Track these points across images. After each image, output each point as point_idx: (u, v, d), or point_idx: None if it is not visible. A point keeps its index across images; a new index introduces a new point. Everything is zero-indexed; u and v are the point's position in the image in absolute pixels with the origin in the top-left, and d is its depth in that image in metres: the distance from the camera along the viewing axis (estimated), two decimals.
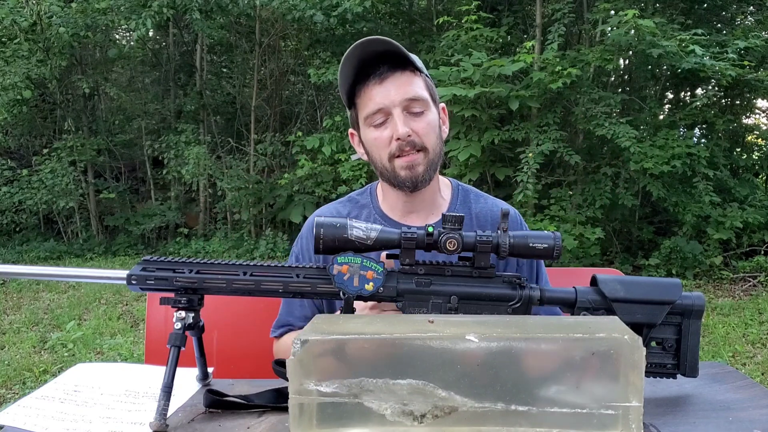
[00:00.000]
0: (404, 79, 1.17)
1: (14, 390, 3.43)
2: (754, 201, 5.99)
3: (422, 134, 1.18)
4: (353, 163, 5.95)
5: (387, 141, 1.18)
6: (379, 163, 1.21)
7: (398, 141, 1.16)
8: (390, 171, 1.20)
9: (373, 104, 1.17)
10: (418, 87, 1.18)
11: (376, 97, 1.16)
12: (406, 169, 1.18)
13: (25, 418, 0.90)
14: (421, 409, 0.73)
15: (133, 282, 0.93)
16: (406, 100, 1.16)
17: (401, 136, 1.15)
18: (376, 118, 1.18)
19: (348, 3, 5.93)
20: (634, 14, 5.05)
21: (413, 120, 1.17)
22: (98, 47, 8.14)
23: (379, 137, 1.18)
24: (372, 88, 1.17)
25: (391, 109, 1.16)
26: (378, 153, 1.20)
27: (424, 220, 1.27)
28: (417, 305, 0.93)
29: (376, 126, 1.19)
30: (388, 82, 1.16)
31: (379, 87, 1.16)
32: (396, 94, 1.16)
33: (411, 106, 1.17)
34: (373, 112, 1.17)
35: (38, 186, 7.17)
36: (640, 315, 0.93)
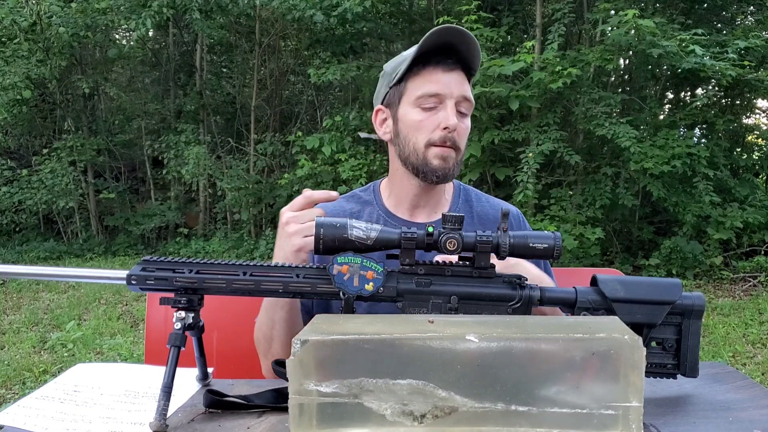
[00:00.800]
0: (464, 78, 1.21)
1: (14, 390, 3.43)
2: (754, 201, 5.99)
3: (461, 135, 1.21)
4: (355, 160, 5.95)
5: (431, 127, 1.19)
6: (411, 146, 1.21)
7: (445, 130, 1.18)
8: (421, 157, 1.20)
9: (433, 86, 1.18)
10: (469, 91, 1.23)
11: (438, 81, 1.18)
12: (440, 159, 1.20)
13: (25, 418, 0.90)
14: (421, 409, 0.73)
15: (133, 282, 0.93)
16: (462, 97, 1.19)
17: (451, 125, 1.17)
18: (430, 102, 1.19)
19: (348, 3, 5.93)
20: (634, 14, 5.05)
21: (459, 119, 1.20)
22: (98, 47, 8.15)
23: (425, 120, 1.19)
24: (437, 73, 1.18)
25: (447, 99, 1.18)
26: (415, 135, 1.21)
27: (428, 217, 1.28)
28: (417, 305, 0.93)
29: (425, 109, 1.19)
30: (454, 74, 1.19)
31: (444, 74, 1.18)
32: (457, 88, 1.19)
33: (461, 105, 1.20)
34: (429, 94, 1.19)
35: (38, 186, 7.17)
36: (640, 315, 0.93)
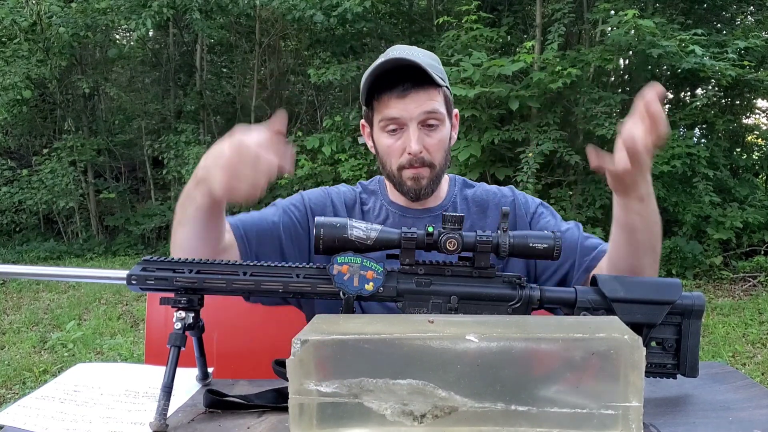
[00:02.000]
0: (426, 94, 1.18)
1: (14, 390, 3.43)
2: (754, 201, 5.99)
3: (432, 151, 1.19)
4: (355, 160, 5.95)
5: (399, 152, 1.19)
6: (388, 167, 1.23)
7: (410, 155, 1.18)
8: (397, 178, 1.22)
9: (390, 112, 1.18)
10: (437, 102, 1.19)
11: (394, 107, 1.17)
12: (412, 180, 1.20)
13: (25, 418, 0.90)
14: (421, 409, 0.73)
15: (133, 282, 0.93)
16: (424, 113, 1.17)
17: (413, 152, 1.17)
18: (389, 126, 1.19)
19: (348, 3, 5.94)
20: (634, 14, 5.05)
21: (427, 135, 1.19)
22: (98, 47, 8.14)
23: (392, 146, 1.20)
24: (391, 99, 1.17)
25: (408, 122, 1.17)
26: (388, 159, 1.22)
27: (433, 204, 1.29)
28: (417, 305, 0.93)
29: (390, 133, 1.20)
30: (409, 98, 1.17)
31: (399, 101, 1.17)
32: (415, 109, 1.17)
33: (427, 120, 1.18)
34: (389, 120, 1.19)
35: (38, 186, 7.17)
36: (640, 315, 0.93)
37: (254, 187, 0.88)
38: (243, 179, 0.88)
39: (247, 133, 0.90)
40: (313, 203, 1.27)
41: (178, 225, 1.05)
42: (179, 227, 1.05)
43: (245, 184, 0.88)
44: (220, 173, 0.89)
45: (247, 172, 0.87)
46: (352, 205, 1.29)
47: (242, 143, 0.88)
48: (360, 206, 1.29)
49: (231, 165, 0.88)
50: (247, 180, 0.88)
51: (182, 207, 1.03)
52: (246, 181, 0.88)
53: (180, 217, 1.04)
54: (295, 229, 1.23)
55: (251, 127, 0.90)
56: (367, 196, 1.32)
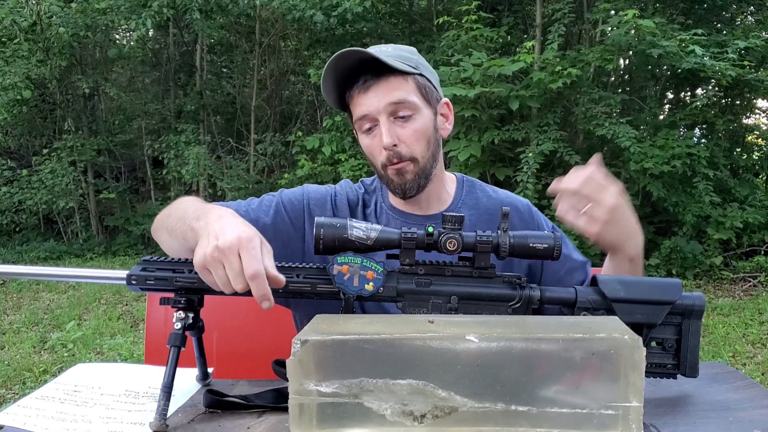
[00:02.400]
0: (389, 84, 1.13)
1: (14, 390, 3.43)
2: (754, 201, 5.99)
3: (409, 143, 1.14)
4: (355, 160, 5.95)
5: (378, 150, 1.16)
6: (377, 167, 1.20)
7: (386, 151, 1.14)
8: (385, 178, 1.19)
9: (359, 111, 1.15)
10: (404, 91, 1.14)
11: (361, 104, 1.15)
12: (396, 176, 1.16)
13: (25, 418, 0.90)
14: (421, 409, 0.73)
15: (133, 282, 0.93)
16: (390, 105, 1.12)
17: (386, 146, 1.13)
18: (364, 125, 1.16)
19: (348, 3, 5.94)
20: (634, 14, 5.05)
21: (400, 126, 1.14)
22: (98, 47, 8.14)
23: (371, 144, 1.17)
24: (357, 97, 1.15)
25: (377, 116, 1.14)
26: (373, 160, 1.19)
27: (437, 211, 1.25)
28: (417, 305, 0.93)
29: (366, 132, 1.17)
30: (371, 91, 1.13)
31: (363, 96, 1.14)
32: (379, 101, 1.13)
33: (397, 111, 1.13)
34: (360, 118, 1.16)
35: (38, 186, 7.17)
36: (640, 315, 0.93)
37: (216, 286, 0.87)
38: (213, 274, 0.86)
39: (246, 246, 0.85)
40: (313, 202, 1.23)
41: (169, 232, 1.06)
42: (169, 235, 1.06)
43: (212, 277, 0.87)
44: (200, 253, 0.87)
45: (219, 274, 0.86)
46: (354, 206, 1.25)
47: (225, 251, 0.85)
48: (362, 208, 1.26)
49: (210, 259, 0.85)
50: (220, 279, 0.86)
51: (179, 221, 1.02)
52: (218, 279, 0.86)
53: (173, 226, 1.04)
54: (287, 231, 1.19)
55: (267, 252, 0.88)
56: (369, 197, 1.29)
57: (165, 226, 1.08)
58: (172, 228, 1.04)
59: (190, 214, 1.00)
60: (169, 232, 1.06)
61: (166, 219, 1.09)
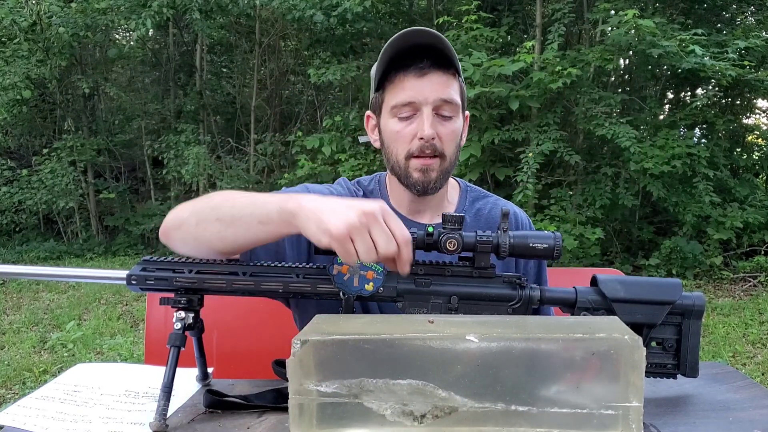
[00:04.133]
0: (443, 79, 1.12)
1: (14, 390, 3.43)
2: (754, 201, 5.99)
3: (445, 140, 1.13)
4: (355, 160, 5.95)
5: (409, 137, 1.12)
6: (394, 157, 1.15)
7: (421, 141, 1.11)
8: (403, 169, 1.15)
9: (404, 95, 1.11)
10: (453, 90, 1.13)
11: (410, 89, 1.10)
12: (420, 172, 1.13)
13: (25, 418, 0.90)
14: (421, 409, 0.73)
15: (133, 282, 0.93)
16: (440, 100, 1.11)
17: (426, 136, 1.10)
18: (404, 111, 1.12)
19: (348, 3, 5.93)
20: (634, 14, 5.05)
21: (440, 123, 1.12)
22: (98, 47, 8.14)
23: (402, 131, 1.13)
24: (408, 79, 1.11)
25: (422, 106, 1.11)
26: (395, 147, 1.15)
27: (430, 220, 1.23)
28: (417, 305, 0.93)
29: (401, 118, 1.13)
30: (426, 78, 1.10)
31: (416, 80, 1.10)
32: (431, 92, 1.10)
33: (442, 108, 1.12)
34: (402, 103, 1.11)
35: (38, 186, 7.17)
36: (641, 315, 0.93)
37: (356, 257, 0.84)
38: (363, 242, 0.83)
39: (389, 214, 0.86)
40: None
41: (216, 220, 0.95)
42: (215, 222, 0.95)
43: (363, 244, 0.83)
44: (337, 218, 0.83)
45: (369, 240, 0.83)
46: None
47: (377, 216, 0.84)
48: None
49: (357, 224, 0.82)
50: (365, 245, 0.83)
51: (237, 209, 0.94)
52: (364, 245, 0.83)
53: (222, 214, 0.94)
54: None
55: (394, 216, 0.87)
56: (363, 196, 1.26)
57: (210, 217, 0.95)
58: (231, 216, 0.93)
59: (263, 200, 0.93)
60: (220, 222, 0.94)
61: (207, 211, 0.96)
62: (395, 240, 0.83)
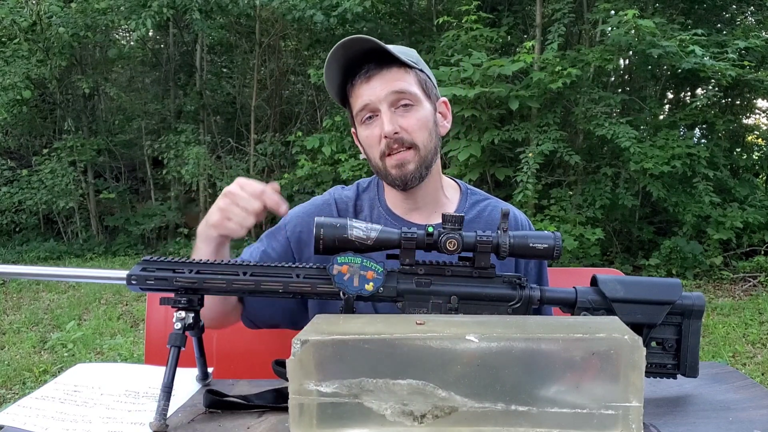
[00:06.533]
0: (391, 75, 1.15)
1: (14, 390, 3.43)
2: (754, 201, 5.99)
3: (411, 130, 1.15)
4: (355, 161, 5.96)
5: (377, 139, 1.16)
6: (373, 161, 1.20)
7: (386, 139, 1.15)
8: (382, 170, 1.19)
9: (360, 101, 1.16)
10: (406, 82, 1.16)
11: (363, 94, 1.15)
12: (396, 168, 1.16)
13: (25, 418, 0.90)
14: (421, 409, 0.73)
15: (133, 282, 0.93)
16: (392, 94, 1.14)
17: (387, 133, 1.14)
18: (365, 115, 1.17)
19: (348, 3, 5.93)
20: (634, 14, 5.05)
21: (402, 116, 1.15)
22: (98, 47, 8.14)
23: (370, 135, 1.17)
24: (359, 87, 1.16)
25: (378, 105, 1.15)
26: (370, 151, 1.19)
27: (427, 218, 1.25)
28: (417, 305, 0.93)
29: (367, 124, 1.18)
30: (374, 80, 1.15)
31: (365, 85, 1.15)
32: (381, 90, 1.14)
33: (398, 101, 1.15)
34: (360, 109, 1.17)
35: (38, 186, 7.17)
36: (640, 315, 0.93)
37: (241, 226, 1.04)
38: (233, 217, 1.04)
39: (242, 182, 1.05)
40: (292, 236, 1.25)
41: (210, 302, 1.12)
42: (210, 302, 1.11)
43: (233, 222, 1.04)
44: (215, 212, 1.06)
45: (236, 212, 1.04)
46: (344, 215, 1.25)
47: (232, 191, 1.04)
48: (354, 216, 1.26)
49: (223, 207, 1.04)
50: (236, 218, 1.04)
51: (195, 246, 1.12)
52: (235, 220, 1.04)
53: (193, 254, 1.11)
54: None
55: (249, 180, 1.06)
56: (361, 202, 1.29)
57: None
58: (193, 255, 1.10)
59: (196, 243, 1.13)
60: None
61: None
62: (256, 197, 1.03)
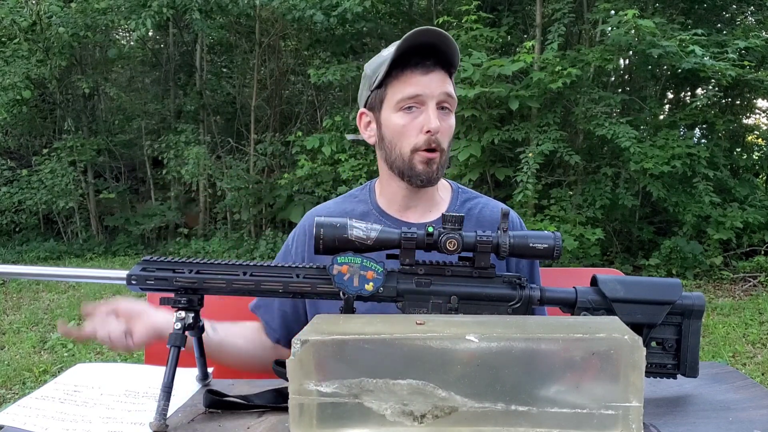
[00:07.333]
0: (443, 77, 1.19)
1: (14, 390, 3.43)
2: (754, 201, 5.99)
3: (445, 135, 1.19)
4: (355, 161, 5.95)
5: (415, 131, 1.17)
6: (398, 151, 1.20)
7: (428, 134, 1.16)
8: (406, 162, 1.19)
9: (411, 89, 1.16)
10: (452, 88, 1.21)
11: (416, 84, 1.16)
12: (424, 164, 1.18)
13: (25, 418, 0.90)
14: (421, 409, 0.73)
15: (133, 282, 0.93)
16: (444, 94, 1.18)
17: (433, 129, 1.15)
18: (409, 104, 1.17)
19: (348, 3, 5.93)
20: (634, 14, 5.05)
21: (441, 118, 1.18)
22: (98, 47, 8.14)
23: (408, 125, 1.17)
24: (415, 75, 1.17)
25: (428, 100, 1.16)
26: (400, 141, 1.19)
27: (421, 216, 1.27)
28: (417, 305, 0.93)
29: (407, 112, 1.18)
30: (432, 75, 1.17)
31: (423, 76, 1.16)
32: (437, 87, 1.17)
33: (444, 103, 1.19)
34: (409, 97, 1.17)
35: (38, 186, 7.17)
36: (640, 315, 0.93)
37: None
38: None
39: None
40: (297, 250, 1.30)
41: None
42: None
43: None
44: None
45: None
46: None
47: None
48: None
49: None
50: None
51: None
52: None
53: None
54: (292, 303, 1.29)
55: None
56: (354, 207, 1.30)
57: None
58: None
59: None
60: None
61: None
62: None
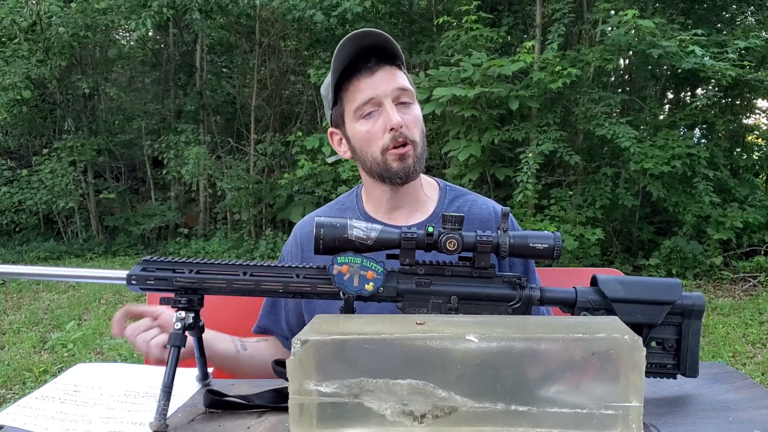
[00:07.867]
0: (392, 72, 1.18)
1: (14, 390, 3.43)
2: (754, 201, 5.99)
3: (410, 127, 1.18)
4: (353, 163, 5.95)
5: (380, 133, 1.17)
6: (370, 157, 1.19)
7: (392, 131, 1.15)
8: (382, 164, 1.19)
9: (363, 95, 1.16)
10: (405, 80, 1.19)
11: (366, 88, 1.16)
12: (399, 161, 1.17)
13: (25, 418, 0.90)
14: (421, 409, 0.73)
15: (133, 282, 0.93)
16: (397, 90, 1.16)
17: (395, 125, 1.14)
18: (366, 109, 1.17)
19: (348, 3, 5.93)
20: (634, 14, 5.05)
21: (402, 112, 1.17)
22: (98, 47, 8.15)
23: (371, 129, 1.17)
24: (362, 81, 1.16)
25: (383, 99, 1.16)
26: (369, 147, 1.19)
27: (408, 217, 1.27)
28: (417, 305, 0.93)
29: (367, 118, 1.17)
30: (377, 75, 1.16)
31: (369, 79, 1.16)
32: (387, 85, 1.16)
33: (400, 97, 1.17)
34: (363, 103, 1.16)
35: (38, 186, 7.17)
36: (640, 315, 0.93)
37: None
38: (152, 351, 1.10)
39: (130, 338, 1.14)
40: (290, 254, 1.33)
41: None
42: None
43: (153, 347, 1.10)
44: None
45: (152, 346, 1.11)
46: None
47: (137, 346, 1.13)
48: None
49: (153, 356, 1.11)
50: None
51: None
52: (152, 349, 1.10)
53: None
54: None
55: None
56: (341, 214, 1.30)
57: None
58: None
59: None
60: None
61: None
62: None
